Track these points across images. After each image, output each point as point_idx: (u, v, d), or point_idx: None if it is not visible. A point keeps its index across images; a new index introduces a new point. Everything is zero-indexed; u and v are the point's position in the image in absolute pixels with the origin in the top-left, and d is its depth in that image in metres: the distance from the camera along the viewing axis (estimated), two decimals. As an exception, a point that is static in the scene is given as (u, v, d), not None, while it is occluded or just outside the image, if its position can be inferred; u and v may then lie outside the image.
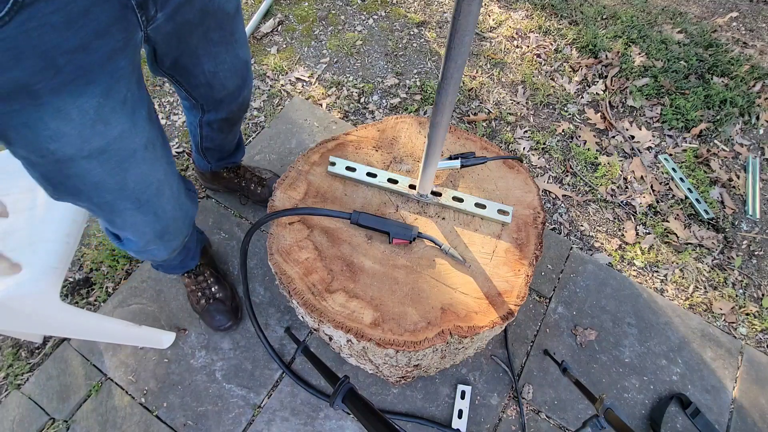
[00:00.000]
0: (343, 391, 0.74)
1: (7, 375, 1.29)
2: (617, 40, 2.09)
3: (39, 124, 0.60)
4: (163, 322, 1.36)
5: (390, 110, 1.86)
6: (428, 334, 0.86)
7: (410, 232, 0.95)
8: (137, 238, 0.90)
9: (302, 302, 0.89)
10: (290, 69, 1.95)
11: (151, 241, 0.91)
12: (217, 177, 1.48)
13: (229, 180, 1.49)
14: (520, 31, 2.14)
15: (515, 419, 1.26)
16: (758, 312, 1.48)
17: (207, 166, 1.40)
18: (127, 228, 0.86)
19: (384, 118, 1.38)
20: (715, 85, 1.96)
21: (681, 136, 1.85)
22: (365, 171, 1.04)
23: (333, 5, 2.19)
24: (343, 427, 1.23)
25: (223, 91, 1.00)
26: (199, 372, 1.30)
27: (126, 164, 0.72)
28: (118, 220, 0.83)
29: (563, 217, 1.64)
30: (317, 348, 1.33)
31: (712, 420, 1.27)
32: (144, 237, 0.89)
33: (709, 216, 1.64)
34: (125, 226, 0.85)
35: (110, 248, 1.48)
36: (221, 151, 1.34)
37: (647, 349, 1.38)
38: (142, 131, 0.73)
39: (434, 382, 1.29)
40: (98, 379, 1.28)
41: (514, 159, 1.09)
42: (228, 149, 1.35)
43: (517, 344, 1.36)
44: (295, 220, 1.00)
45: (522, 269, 0.94)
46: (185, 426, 1.23)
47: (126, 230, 0.87)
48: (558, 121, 1.87)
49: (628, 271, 1.54)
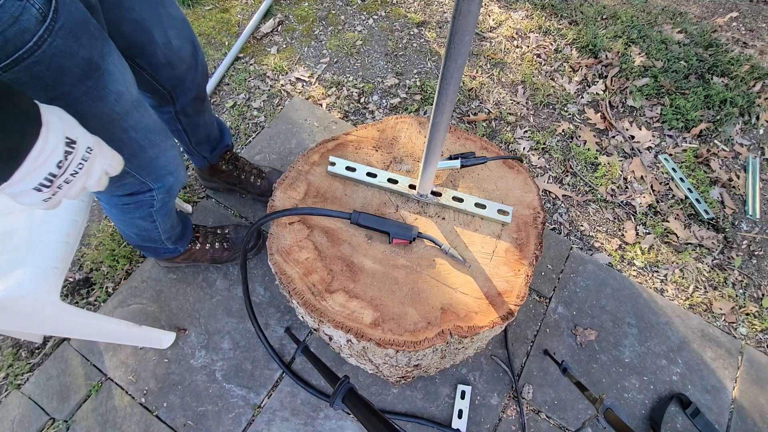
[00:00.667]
0: (343, 391, 0.74)
1: (7, 375, 1.29)
2: (617, 40, 2.09)
3: (106, 93, 0.68)
4: (163, 322, 1.36)
5: (390, 110, 1.86)
6: (428, 334, 0.86)
7: (410, 232, 0.95)
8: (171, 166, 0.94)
9: (302, 302, 0.89)
10: (290, 69, 1.96)
11: (179, 164, 0.97)
12: (216, 171, 1.48)
13: (228, 173, 1.49)
14: (520, 31, 2.14)
15: (515, 419, 1.26)
16: (758, 312, 1.48)
17: (204, 161, 1.41)
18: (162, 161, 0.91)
19: (384, 118, 1.38)
20: (715, 85, 1.96)
21: (681, 136, 1.85)
22: (365, 171, 1.04)
23: (333, 5, 2.19)
24: (343, 427, 1.23)
25: (182, 64, 1.02)
26: (199, 372, 1.30)
27: (145, 103, 0.81)
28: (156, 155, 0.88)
29: (563, 217, 1.64)
30: (317, 348, 1.33)
31: (712, 420, 1.27)
32: (175, 161, 0.95)
33: (709, 216, 1.64)
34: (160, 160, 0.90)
35: (110, 248, 1.48)
36: (209, 139, 1.34)
37: (647, 349, 1.38)
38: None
39: (434, 382, 1.29)
40: (98, 379, 1.28)
41: (514, 159, 1.09)
42: (214, 135, 1.36)
43: (517, 344, 1.36)
44: (295, 220, 1.00)
45: (522, 269, 0.94)
46: (185, 426, 1.23)
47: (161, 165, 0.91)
48: (558, 121, 1.87)
49: (628, 271, 1.54)
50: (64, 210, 0.99)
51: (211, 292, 1.41)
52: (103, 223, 1.54)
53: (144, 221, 1.06)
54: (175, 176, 0.98)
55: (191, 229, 1.34)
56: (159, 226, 1.11)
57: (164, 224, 1.12)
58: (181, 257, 1.35)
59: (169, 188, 0.99)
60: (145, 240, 1.17)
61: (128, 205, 0.98)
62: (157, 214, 1.05)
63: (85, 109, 0.67)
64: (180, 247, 1.30)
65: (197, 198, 1.60)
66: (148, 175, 0.91)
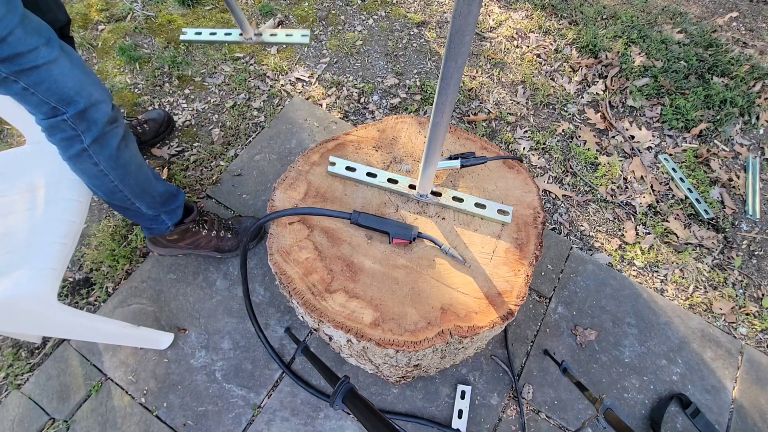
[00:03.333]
0: (343, 391, 0.74)
1: (7, 375, 1.29)
2: (617, 40, 2.09)
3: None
4: (163, 322, 1.36)
5: (390, 110, 1.86)
6: (428, 334, 0.86)
7: (410, 232, 0.95)
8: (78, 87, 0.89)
9: (302, 302, 0.89)
10: (290, 69, 1.95)
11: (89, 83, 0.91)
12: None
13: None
14: (520, 31, 2.14)
15: (515, 419, 1.26)
16: (758, 312, 1.48)
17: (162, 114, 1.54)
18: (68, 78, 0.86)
19: (384, 118, 1.38)
20: (715, 85, 1.96)
21: (681, 136, 1.85)
22: (365, 171, 1.04)
23: (333, 5, 2.19)
24: (343, 427, 1.23)
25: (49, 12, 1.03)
26: (199, 372, 1.30)
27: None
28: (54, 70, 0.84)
29: (563, 217, 1.64)
30: (317, 348, 1.33)
31: (712, 420, 1.27)
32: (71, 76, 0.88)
33: (709, 216, 1.64)
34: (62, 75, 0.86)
35: (110, 248, 1.48)
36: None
37: (647, 349, 1.38)
38: None
39: (434, 382, 1.29)
40: (98, 379, 1.28)
41: (514, 159, 1.09)
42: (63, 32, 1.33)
43: (517, 344, 1.36)
44: (295, 220, 1.00)
45: (522, 269, 0.94)
46: (185, 426, 1.22)
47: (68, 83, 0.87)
48: (558, 121, 1.87)
49: (628, 271, 1.54)
50: (62, 211, 0.98)
51: (211, 292, 1.41)
52: (103, 223, 1.54)
53: (85, 164, 1.00)
54: (86, 98, 0.91)
55: (183, 202, 1.28)
56: (110, 174, 1.03)
57: (119, 174, 1.05)
58: (184, 241, 1.34)
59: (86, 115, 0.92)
60: (113, 198, 1.09)
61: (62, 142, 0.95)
62: (96, 155, 0.98)
63: None
64: (167, 219, 1.25)
65: (197, 198, 1.60)
66: (50, 95, 0.86)
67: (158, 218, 1.24)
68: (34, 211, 0.98)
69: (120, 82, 1.87)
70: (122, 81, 1.88)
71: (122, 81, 1.88)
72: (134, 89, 1.86)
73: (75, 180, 1.04)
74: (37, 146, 1.10)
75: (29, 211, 0.99)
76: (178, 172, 1.65)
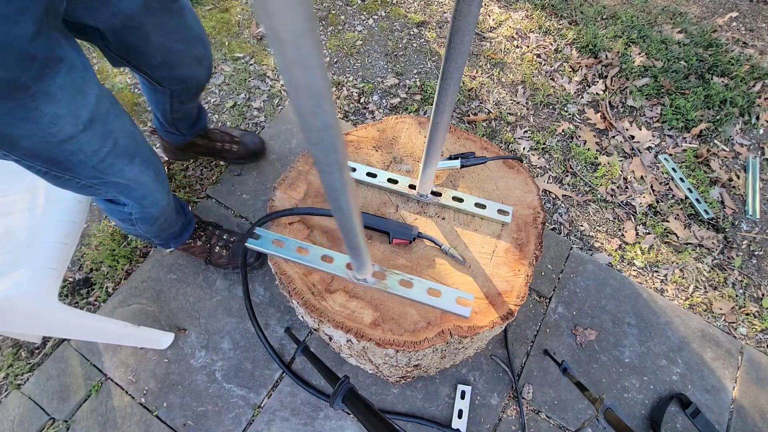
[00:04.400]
0: (343, 391, 0.74)
1: (7, 375, 1.29)
2: (617, 40, 2.09)
3: (37, 114, 0.66)
4: (163, 322, 1.36)
5: (390, 110, 1.86)
6: (428, 334, 0.86)
7: (410, 232, 0.95)
8: (141, 192, 0.93)
9: (302, 302, 0.89)
10: (290, 69, 1.95)
11: (152, 191, 0.95)
12: (191, 146, 1.50)
13: (202, 146, 1.52)
14: (520, 31, 2.14)
15: (515, 419, 1.26)
16: (758, 312, 1.48)
17: (180, 137, 1.42)
18: (131, 187, 0.89)
19: (384, 118, 1.38)
20: (715, 85, 1.96)
21: (681, 136, 1.85)
22: (365, 171, 1.04)
23: (333, 5, 2.19)
24: (343, 427, 1.23)
25: (182, 67, 1.01)
26: (199, 372, 1.30)
27: (109, 125, 0.78)
28: (119, 179, 0.86)
29: (563, 217, 1.64)
30: (317, 348, 1.33)
31: (712, 420, 1.27)
32: (146, 187, 0.93)
33: (709, 216, 1.64)
34: (129, 186, 0.89)
35: (110, 248, 1.48)
36: (189, 119, 1.35)
37: (647, 349, 1.38)
38: (104, 90, 0.78)
39: (434, 382, 1.29)
40: (98, 379, 1.28)
41: (514, 159, 1.09)
42: (193, 115, 1.37)
43: (517, 344, 1.36)
44: (295, 220, 1.00)
45: (522, 269, 0.94)
46: (185, 426, 1.22)
47: (130, 190, 0.90)
48: (558, 121, 1.87)
49: (628, 271, 1.54)
50: (62, 211, 0.98)
51: (211, 292, 1.41)
52: (103, 223, 1.54)
53: (123, 222, 1.07)
54: (149, 200, 0.97)
55: (191, 231, 1.34)
56: (140, 230, 1.11)
57: (148, 229, 1.11)
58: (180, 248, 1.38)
59: (143, 209, 0.99)
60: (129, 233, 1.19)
61: (106, 209, 1.01)
62: (137, 221, 1.05)
63: (7, 127, 0.65)
64: (172, 244, 1.31)
65: (197, 198, 1.59)
66: (116, 193, 0.90)
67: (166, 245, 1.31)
68: (34, 211, 0.98)
69: (120, 82, 1.87)
70: (122, 81, 1.88)
71: (122, 81, 1.88)
72: (134, 89, 1.86)
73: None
74: (37, 146, 1.10)
75: (29, 211, 0.99)
76: (178, 172, 1.65)
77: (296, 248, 0.91)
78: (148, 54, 0.92)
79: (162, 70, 0.98)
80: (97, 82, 0.75)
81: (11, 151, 0.69)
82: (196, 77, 1.07)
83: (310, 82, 0.31)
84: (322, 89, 0.32)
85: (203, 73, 1.09)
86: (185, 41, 0.96)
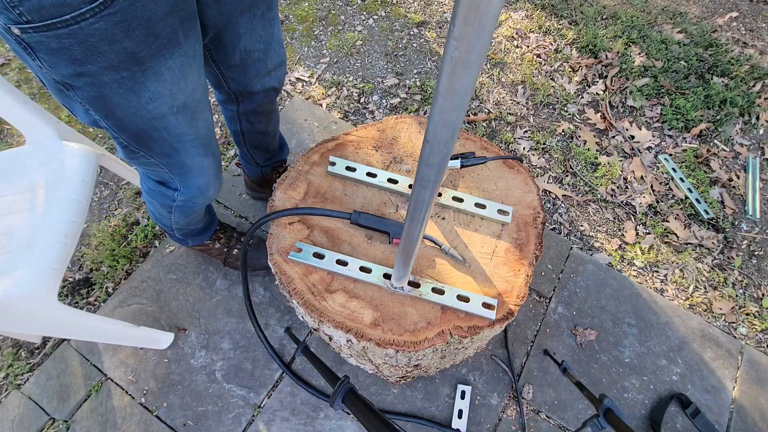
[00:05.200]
0: (343, 391, 0.74)
1: (7, 375, 1.29)
2: (617, 40, 2.09)
3: (142, 88, 0.68)
4: (163, 322, 1.36)
5: (390, 110, 1.86)
6: (428, 334, 0.86)
7: (410, 232, 0.94)
8: (201, 181, 0.96)
9: (302, 302, 0.89)
10: (290, 69, 1.95)
11: (211, 182, 0.99)
12: (267, 182, 1.49)
13: None
14: (520, 31, 2.14)
15: (515, 419, 1.26)
16: (758, 312, 1.48)
17: (257, 170, 1.41)
18: (195, 173, 0.92)
19: (384, 118, 1.38)
20: (715, 85, 1.96)
21: (681, 136, 1.85)
22: (365, 171, 1.04)
23: (333, 5, 2.19)
24: (343, 427, 1.23)
25: (254, 74, 1.01)
26: (199, 372, 1.30)
27: (197, 113, 0.82)
28: (189, 163, 0.89)
29: (563, 217, 1.64)
30: (317, 348, 1.33)
31: (712, 420, 1.27)
32: (207, 178, 0.97)
33: (709, 216, 1.64)
34: (193, 171, 0.92)
35: (110, 248, 1.48)
36: (267, 149, 1.35)
37: (647, 349, 1.38)
38: (204, 81, 0.82)
39: (434, 382, 1.29)
40: (98, 379, 1.28)
41: (514, 159, 1.09)
42: (273, 146, 1.36)
43: (517, 344, 1.36)
44: (295, 220, 1.00)
45: (522, 269, 0.94)
46: (185, 426, 1.22)
47: (192, 176, 0.93)
48: (558, 121, 1.87)
49: (628, 271, 1.54)
50: (62, 211, 0.98)
51: (211, 292, 1.41)
52: (103, 223, 1.54)
53: (162, 208, 1.09)
54: (203, 191, 0.99)
55: (212, 232, 1.35)
56: (173, 218, 1.13)
57: (180, 220, 1.14)
58: (196, 247, 1.38)
59: (193, 197, 1.00)
60: (158, 220, 1.19)
61: (153, 190, 1.02)
62: (176, 209, 1.07)
63: (111, 95, 0.67)
64: (191, 241, 1.32)
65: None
66: (177, 176, 0.93)
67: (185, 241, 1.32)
68: (34, 211, 0.98)
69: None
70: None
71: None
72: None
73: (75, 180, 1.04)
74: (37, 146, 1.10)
75: (29, 210, 0.99)
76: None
77: (335, 260, 0.93)
78: (231, 54, 0.94)
79: (235, 71, 0.99)
80: (199, 72, 0.78)
81: (105, 118, 0.72)
82: (263, 87, 1.07)
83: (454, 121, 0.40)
84: (458, 127, 0.41)
85: (271, 84, 1.09)
86: (266, 51, 0.98)
